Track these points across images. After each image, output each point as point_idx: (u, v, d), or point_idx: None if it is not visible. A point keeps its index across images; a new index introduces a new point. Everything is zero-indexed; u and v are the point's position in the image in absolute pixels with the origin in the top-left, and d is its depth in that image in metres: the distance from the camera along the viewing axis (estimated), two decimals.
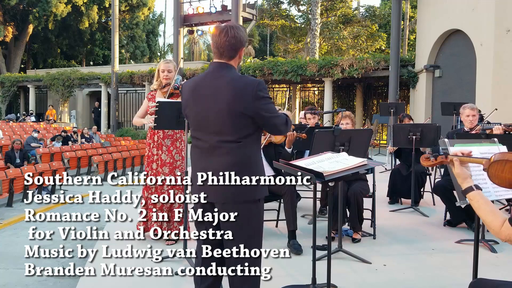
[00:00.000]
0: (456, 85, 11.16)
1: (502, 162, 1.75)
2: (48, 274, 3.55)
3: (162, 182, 3.97)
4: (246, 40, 2.36)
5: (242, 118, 2.22)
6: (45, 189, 9.97)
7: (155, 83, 4.15)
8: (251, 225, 2.30)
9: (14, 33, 27.97)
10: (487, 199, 1.86)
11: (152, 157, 4.08)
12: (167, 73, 4.05)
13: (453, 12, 10.96)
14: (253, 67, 16.52)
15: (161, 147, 4.04)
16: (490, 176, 1.78)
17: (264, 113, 2.25)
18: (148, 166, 4.10)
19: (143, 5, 30.76)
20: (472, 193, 1.87)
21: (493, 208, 1.82)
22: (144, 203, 4.12)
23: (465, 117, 4.87)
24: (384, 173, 7.93)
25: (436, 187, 4.92)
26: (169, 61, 4.15)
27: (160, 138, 4.05)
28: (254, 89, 2.21)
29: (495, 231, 1.77)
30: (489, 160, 1.78)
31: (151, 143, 4.09)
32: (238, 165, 2.25)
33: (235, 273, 2.31)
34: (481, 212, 1.83)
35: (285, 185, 3.99)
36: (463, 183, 1.92)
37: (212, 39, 2.35)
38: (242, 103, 2.21)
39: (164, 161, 4.04)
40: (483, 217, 1.82)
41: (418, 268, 3.59)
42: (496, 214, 1.79)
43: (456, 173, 1.94)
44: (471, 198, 1.88)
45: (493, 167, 1.77)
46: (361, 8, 24.87)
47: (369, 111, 18.31)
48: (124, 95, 22.72)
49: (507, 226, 1.73)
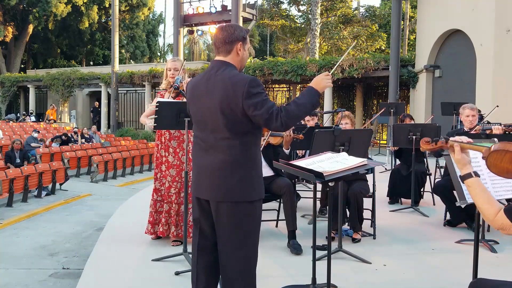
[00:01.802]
0: (456, 85, 11.16)
1: (502, 152, 1.76)
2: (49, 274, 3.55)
3: (168, 187, 3.97)
4: (242, 36, 2.32)
5: (236, 116, 2.19)
6: (45, 189, 9.98)
7: (164, 83, 4.09)
8: (245, 226, 2.26)
9: (14, 33, 27.99)
10: (484, 187, 1.89)
11: (161, 158, 4.02)
12: (173, 71, 3.98)
13: (453, 12, 10.97)
14: (253, 67, 16.53)
15: (168, 149, 3.99)
16: (488, 165, 1.80)
17: (255, 111, 2.16)
18: (157, 167, 4.05)
19: (143, 5, 30.78)
20: (470, 179, 1.90)
21: (489, 196, 1.85)
22: (153, 205, 4.08)
23: (465, 117, 4.88)
24: (384, 173, 7.93)
25: (436, 187, 4.91)
26: (176, 60, 4.08)
27: (166, 139, 4.00)
28: (245, 86, 2.16)
29: (489, 219, 1.80)
30: (489, 149, 1.79)
31: (159, 144, 4.03)
32: (233, 164, 2.23)
33: (229, 274, 2.28)
34: (477, 199, 1.86)
35: (285, 185, 4.02)
36: (462, 169, 1.93)
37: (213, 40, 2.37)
38: (233, 101, 2.18)
39: (171, 163, 3.97)
40: (479, 204, 1.85)
41: (418, 268, 3.59)
42: (492, 202, 1.82)
43: (456, 159, 1.95)
44: (469, 184, 1.90)
45: (493, 156, 1.78)
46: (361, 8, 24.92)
47: (369, 111, 18.31)
48: (124, 95, 22.73)
49: (502, 215, 1.76)
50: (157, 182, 4.05)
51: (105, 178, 12.40)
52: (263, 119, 2.17)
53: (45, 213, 8.27)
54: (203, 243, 2.39)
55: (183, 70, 4.03)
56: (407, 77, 14.34)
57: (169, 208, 3.99)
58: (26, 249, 5.79)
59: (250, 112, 2.17)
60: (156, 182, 4.06)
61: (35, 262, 5.26)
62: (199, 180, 2.34)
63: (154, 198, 4.07)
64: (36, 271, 4.93)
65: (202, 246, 2.39)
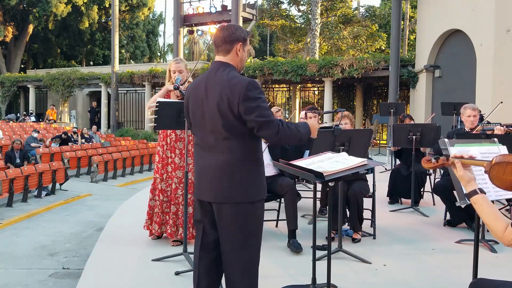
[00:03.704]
0: (456, 85, 11.16)
1: (503, 164, 1.74)
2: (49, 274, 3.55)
3: (175, 189, 3.95)
4: (243, 37, 2.31)
5: (233, 118, 2.18)
6: (45, 189, 9.98)
7: (167, 84, 4.06)
8: (247, 226, 2.25)
9: (14, 33, 27.98)
10: (490, 203, 1.85)
11: (167, 159, 4.00)
12: (178, 74, 3.96)
13: (453, 12, 10.96)
14: (253, 67, 16.52)
15: (174, 150, 3.98)
16: (491, 178, 1.77)
17: (250, 116, 2.13)
18: (163, 168, 4.01)
19: (143, 5, 30.77)
20: (476, 196, 1.86)
21: (496, 212, 1.81)
22: (159, 206, 4.05)
23: (466, 117, 4.87)
24: (384, 173, 7.93)
25: (436, 187, 4.91)
26: (179, 61, 4.05)
27: (172, 140, 3.98)
28: (243, 89, 2.15)
29: (498, 236, 1.76)
30: (491, 162, 1.78)
31: (165, 145, 4.01)
32: (234, 164, 2.22)
33: (231, 274, 2.28)
34: (484, 216, 1.82)
35: (287, 185, 4.01)
36: (467, 186, 1.90)
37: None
38: (231, 103, 2.17)
39: (177, 165, 3.96)
40: (486, 221, 1.81)
41: (418, 268, 3.59)
42: (499, 218, 1.78)
43: (459, 176, 1.92)
44: (474, 201, 1.86)
45: (494, 169, 1.76)
46: (361, 8, 24.92)
47: (369, 111, 18.31)
48: (124, 95, 22.72)
49: (510, 231, 1.72)
50: (163, 183, 4.02)
51: (105, 178, 12.39)
52: (257, 124, 2.14)
53: (45, 213, 8.26)
54: (205, 244, 2.39)
55: (187, 70, 4.02)
56: (407, 77, 14.34)
57: (177, 210, 3.98)
58: (26, 249, 5.79)
59: (244, 115, 2.15)
60: (162, 183, 4.02)
61: (35, 262, 5.25)
62: (200, 182, 2.34)
63: (160, 199, 4.02)
64: (36, 271, 4.92)
65: (204, 247, 2.39)
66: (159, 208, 4.03)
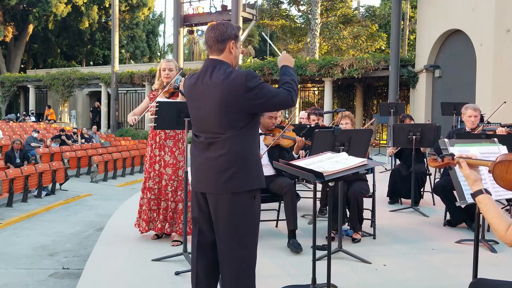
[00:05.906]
0: (456, 85, 11.16)
1: (506, 162, 1.74)
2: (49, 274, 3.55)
3: (165, 186, 4.01)
4: (234, 34, 2.33)
5: (235, 113, 2.21)
6: (45, 189, 9.98)
7: (157, 83, 4.16)
8: (244, 221, 2.25)
9: (14, 33, 27.97)
10: (495, 203, 1.86)
11: (155, 158, 4.05)
12: (168, 71, 4.05)
13: (453, 12, 10.96)
14: (253, 67, 16.52)
15: (164, 148, 4.03)
16: (495, 177, 1.78)
17: (259, 100, 2.21)
18: (151, 167, 4.07)
19: (143, 5, 30.77)
20: (481, 196, 1.87)
21: (500, 212, 1.82)
22: (146, 204, 4.11)
23: (467, 118, 4.87)
24: (384, 173, 7.93)
25: (436, 187, 4.91)
26: (170, 60, 4.16)
27: (162, 139, 4.04)
28: (242, 82, 2.18)
29: (500, 235, 1.77)
30: (494, 161, 1.78)
31: (153, 144, 4.07)
32: (231, 156, 2.23)
33: (228, 273, 2.27)
34: (488, 216, 1.83)
35: (286, 185, 4.01)
36: (473, 186, 1.91)
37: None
38: (233, 98, 2.20)
39: (167, 162, 4.02)
40: (490, 220, 1.82)
41: (418, 268, 3.59)
42: (503, 218, 1.78)
43: (465, 175, 1.93)
44: (479, 201, 1.87)
45: (498, 168, 1.76)
46: (361, 8, 24.86)
47: (369, 111, 18.31)
48: (124, 95, 22.72)
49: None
50: (150, 181, 4.08)
51: (105, 178, 12.39)
52: (271, 103, 2.24)
53: (45, 213, 8.27)
54: (203, 243, 2.38)
55: (176, 70, 4.11)
56: (407, 77, 14.34)
57: (167, 206, 4.05)
58: (26, 249, 5.79)
59: (253, 102, 2.20)
60: (149, 181, 4.08)
61: (35, 262, 5.25)
62: (198, 175, 2.34)
63: (147, 197, 4.09)
64: (36, 271, 4.93)
65: (201, 246, 2.38)
66: (147, 206, 4.10)
